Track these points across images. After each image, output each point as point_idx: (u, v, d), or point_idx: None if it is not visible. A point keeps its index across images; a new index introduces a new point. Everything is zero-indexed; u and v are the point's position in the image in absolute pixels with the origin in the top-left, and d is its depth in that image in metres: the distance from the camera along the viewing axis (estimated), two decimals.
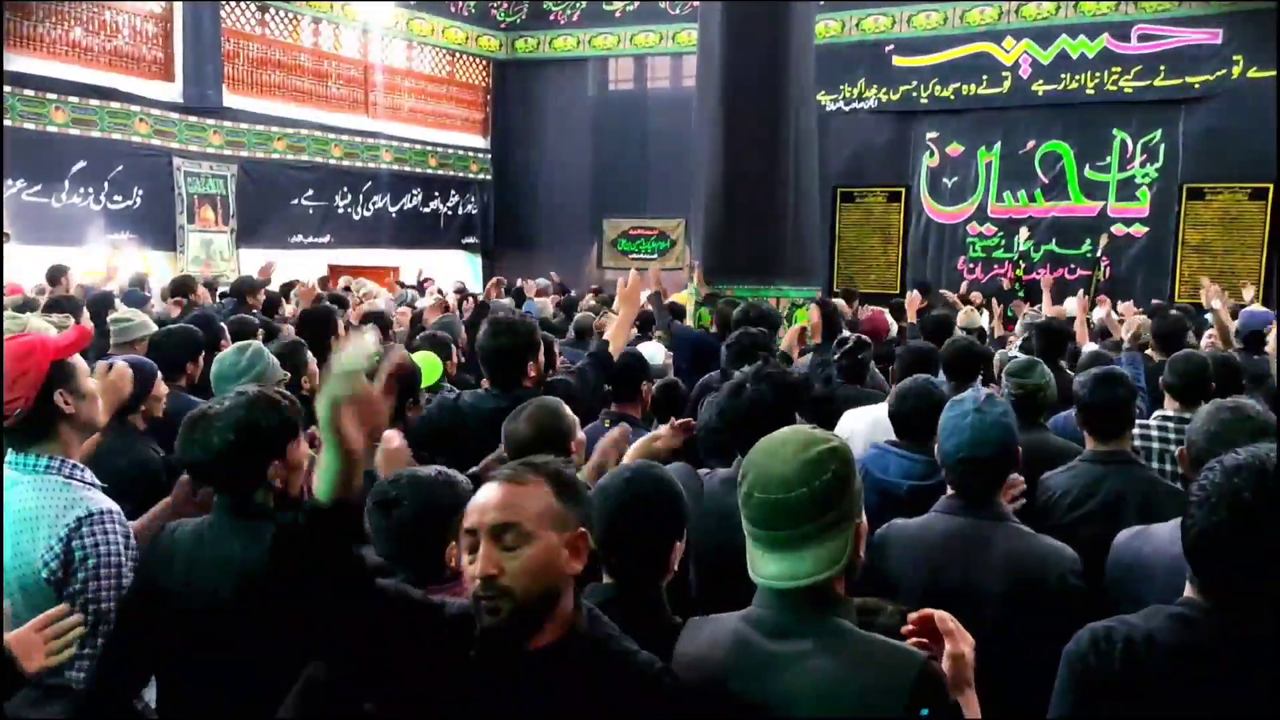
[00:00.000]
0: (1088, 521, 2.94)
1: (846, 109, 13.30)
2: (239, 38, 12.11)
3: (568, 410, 2.90)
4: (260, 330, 5.42)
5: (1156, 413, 3.81)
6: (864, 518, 1.75)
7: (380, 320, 6.38)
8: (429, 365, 4.37)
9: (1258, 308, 6.53)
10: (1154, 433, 3.65)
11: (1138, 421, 3.54)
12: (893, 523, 2.66)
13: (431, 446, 3.22)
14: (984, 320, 8.81)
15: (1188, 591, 1.69)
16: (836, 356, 4.68)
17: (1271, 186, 11.53)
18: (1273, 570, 1.56)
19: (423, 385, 4.00)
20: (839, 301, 8.35)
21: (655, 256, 14.67)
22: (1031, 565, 2.42)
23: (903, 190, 13.33)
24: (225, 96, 11.73)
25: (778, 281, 6.97)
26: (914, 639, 1.76)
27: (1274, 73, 11.30)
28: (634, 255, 14.89)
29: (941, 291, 10.56)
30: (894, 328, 6.98)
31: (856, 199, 13.54)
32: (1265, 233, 11.63)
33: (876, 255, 13.49)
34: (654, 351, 5.85)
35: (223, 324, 5.18)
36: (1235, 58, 11.56)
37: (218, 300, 7.75)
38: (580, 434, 2.91)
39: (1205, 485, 1.61)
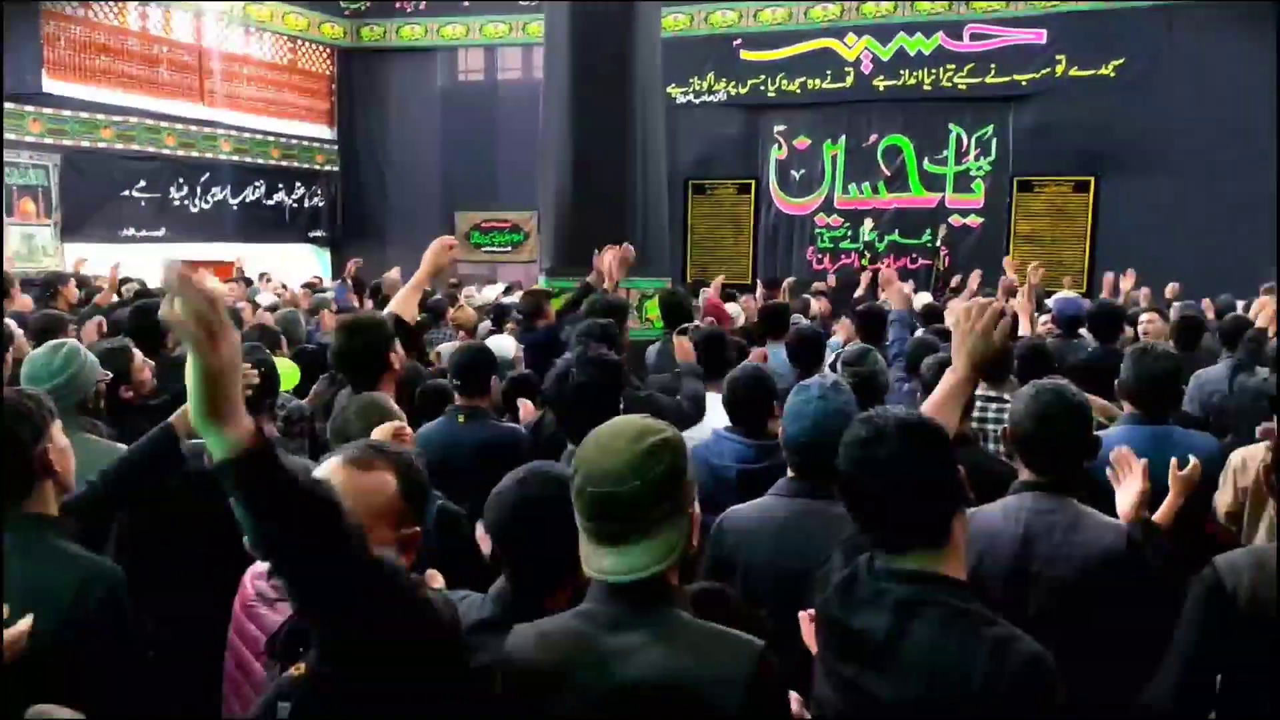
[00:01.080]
0: None
1: (696, 102, 13.45)
2: (59, 20, 11.42)
3: (394, 406, 2.83)
4: (73, 327, 5.12)
5: (976, 392, 3.97)
6: (697, 506, 1.73)
7: (234, 317, 6.12)
8: (287, 373, 4.22)
9: (1072, 294, 6.87)
10: (973, 412, 3.80)
11: None
12: (732, 508, 2.69)
13: None
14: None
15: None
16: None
17: (1094, 180, 12.19)
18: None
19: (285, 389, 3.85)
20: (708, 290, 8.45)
21: (509, 249, 14.56)
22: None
23: (752, 182, 13.56)
24: (45, 82, 11.06)
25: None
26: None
27: (1094, 71, 11.97)
28: (487, 248, 14.74)
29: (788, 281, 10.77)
30: (740, 318, 7.09)
31: (707, 191, 13.71)
32: (1089, 223, 12.29)
33: (728, 247, 13.69)
34: (505, 345, 5.78)
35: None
36: (1059, 57, 12.17)
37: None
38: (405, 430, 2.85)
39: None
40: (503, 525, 1.90)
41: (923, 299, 8.84)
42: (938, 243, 12.61)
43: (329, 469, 1.61)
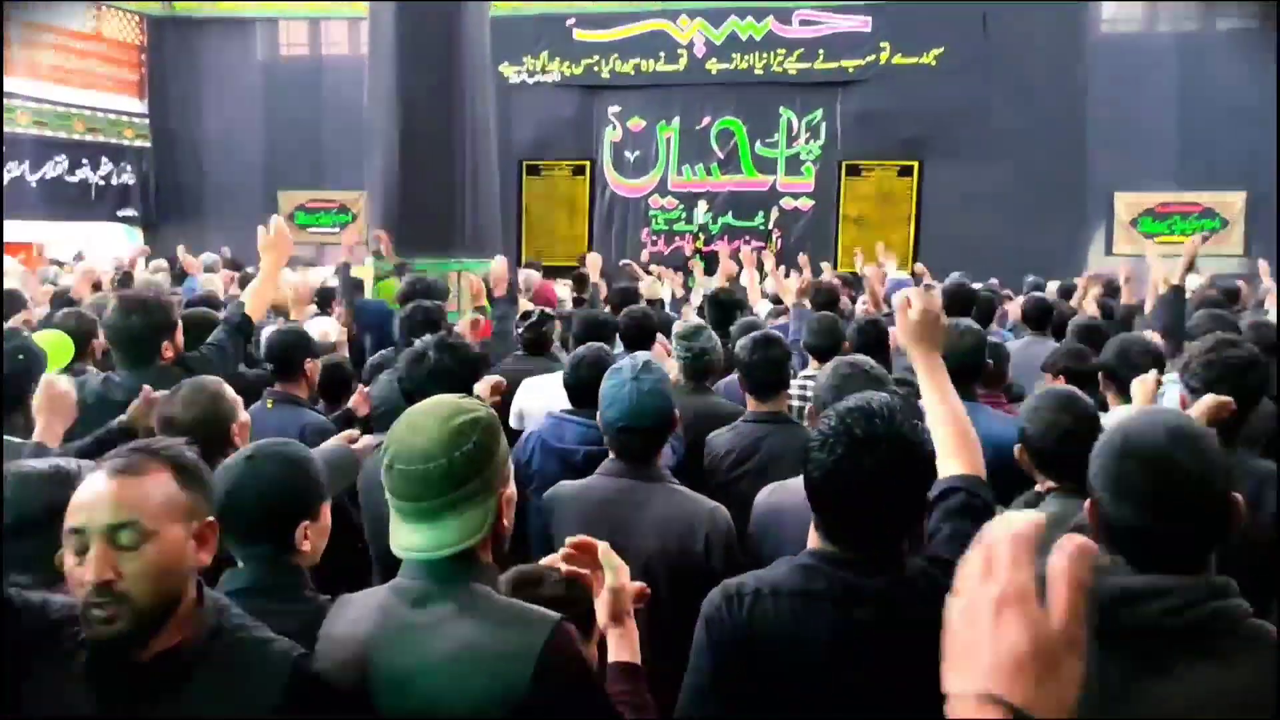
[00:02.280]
0: (748, 479, 3.05)
1: (530, 82, 13.28)
2: None
3: (229, 390, 2.68)
4: None
5: (801, 373, 4.01)
6: (512, 486, 1.76)
7: (14, 300, 5.67)
8: (58, 346, 3.92)
9: (903, 275, 7.09)
10: (795, 391, 3.84)
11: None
12: (559, 485, 2.69)
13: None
14: (665, 291, 9.11)
15: (812, 541, 1.74)
16: (520, 330, 4.64)
17: (917, 165, 12.63)
18: (881, 507, 1.64)
19: (54, 367, 3.54)
20: (532, 273, 8.37)
21: (336, 230, 14.07)
22: (682, 524, 2.50)
23: (587, 164, 13.49)
24: None
25: (457, 254, 6.82)
26: (569, 570, 1.84)
27: (917, 60, 12.38)
28: (313, 229, 14.22)
29: (624, 263, 10.80)
30: (569, 300, 7.04)
31: (542, 172, 13.57)
32: (912, 207, 12.73)
33: (563, 228, 13.59)
34: (327, 328, 5.55)
35: None
36: (883, 44, 12.54)
37: None
38: (244, 415, 2.70)
39: (822, 430, 1.69)
40: (229, 501, 1.93)
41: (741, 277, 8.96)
42: (770, 225, 12.84)
43: (96, 484, 1.51)
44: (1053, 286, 7.77)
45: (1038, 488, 2.55)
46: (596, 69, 13.19)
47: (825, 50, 12.70)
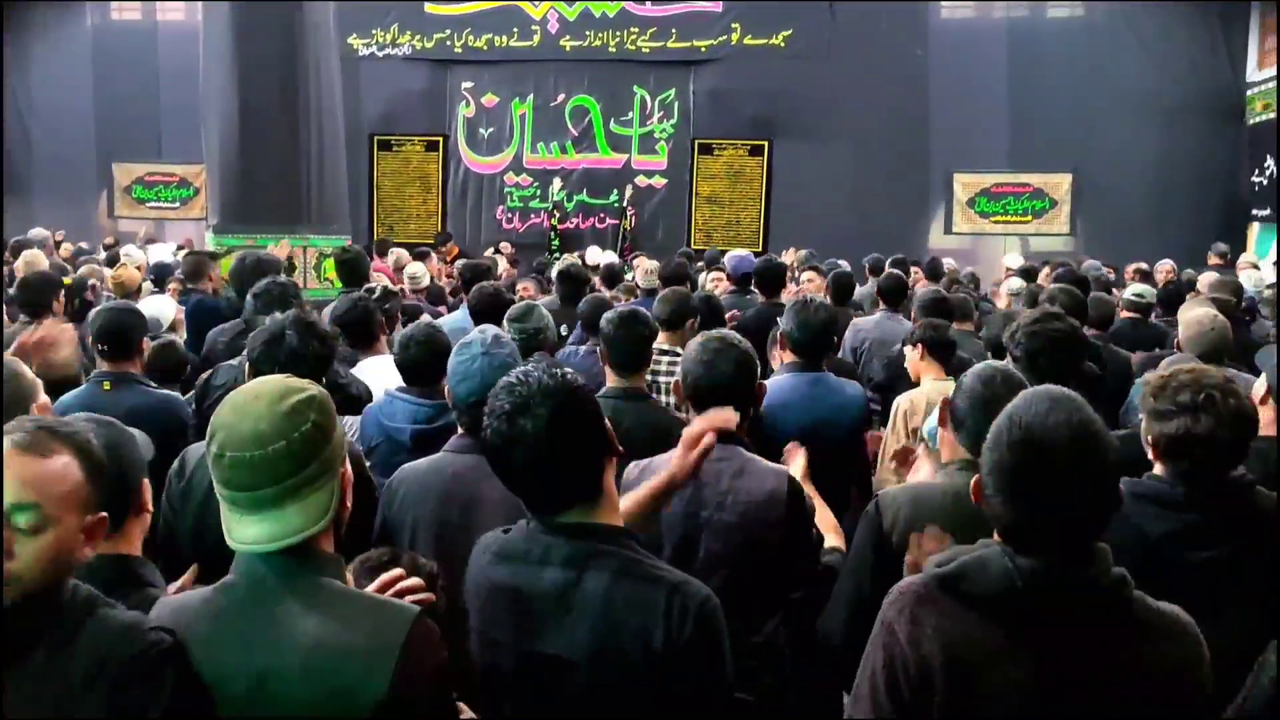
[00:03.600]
0: None
1: (379, 55, 12.97)
2: None
3: (26, 370, 2.54)
4: None
5: (654, 346, 4.08)
6: (349, 466, 1.67)
7: None
8: None
9: (743, 252, 7.25)
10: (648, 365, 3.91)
11: None
12: (403, 466, 2.64)
13: None
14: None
15: None
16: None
17: (767, 144, 12.88)
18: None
19: None
20: (401, 252, 8.27)
21: (177, 205, 13.52)
22: None
23: (440, 139, 13.28)
24: None
25: (302, 229, 6.65)
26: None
27: (766, 41, 12.61)
28: (153, 204, 13.60)
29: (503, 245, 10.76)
30: (424, 278, 6.95)
31: (394, 147, 13.28)
32: (763, 185, 12.99)
33: (416, 205, 13.35)
34: (162, 308, 5.33)
35: None
36: (734, 26, 12.75)
37: None
38: (43, 397, 2.56)
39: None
40: None
41: (609, 258, 9.05)
42: (624, 203, 12.92)
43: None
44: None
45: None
46: (449, 43, 12.98)
47: (678, 30, 12.82)
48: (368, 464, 3.11)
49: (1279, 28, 11.45)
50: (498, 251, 9.44)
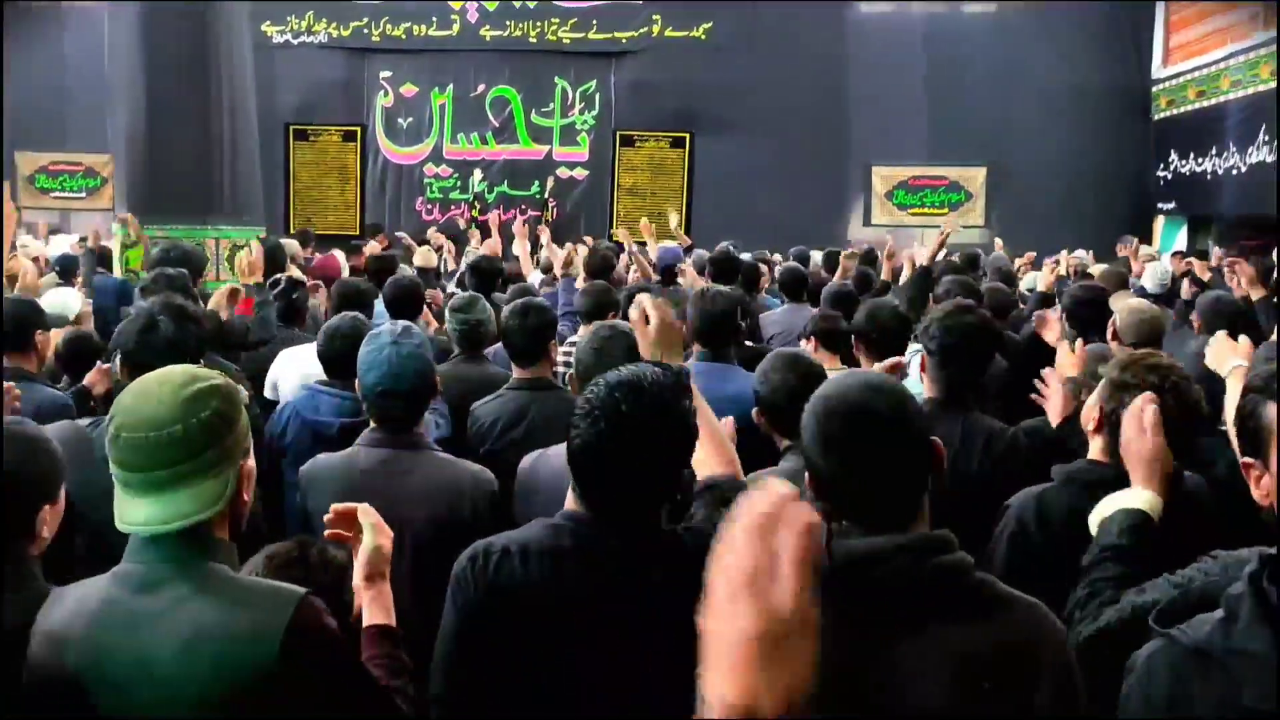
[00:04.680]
0: (516, 446, 3.05)
1: (295, 42, 12.71)
2: None
3: None
4: None
5: (569, 339, 4.09)
6: (251, 459, 1.69)
7: None
8: None
9: (670, 244, 7.26)
10: (561, 358, 3.90)
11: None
12: (316, 458, 2.63)
13: None
14: (438, 261, 9.02)
15: (569, 504, 1.77)
16: (269, 298, 4.50)
17: (689, 137, 12.93)
18: (640, 480, 1.69)
19: None
20: (291, 243, 8.07)
21: (83, 195, 13.12)
22: (449, 491, 2.50)
23: (358, 129, 13.07)
24: None
25: (214, 221, 6.50)
26: (331, 532, 1.79)
27: (687, 33, 12.64)
28: (57, 194, 13.18)
29: (398, 234, 10.58)
30: (346, 268, 6.85)
31: (311, 137, 13.03)
32: (685, 179, 13.04)
33: (334, 195, 13.09)
34: (67, 301, 5.18)
35: None
36: (655, 17, 12.76)
37: None
38: None
39: (589, 399, 1.70)
40: None
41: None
42: (546, 194, 12.87)
43: None
44: (817, 255, 8.14)
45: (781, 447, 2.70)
46: (366, 31, 12.77)
47: (599, 21, 12.78)
48: (285, 459, 3.08)
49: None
50: (425, 242, 9.29)
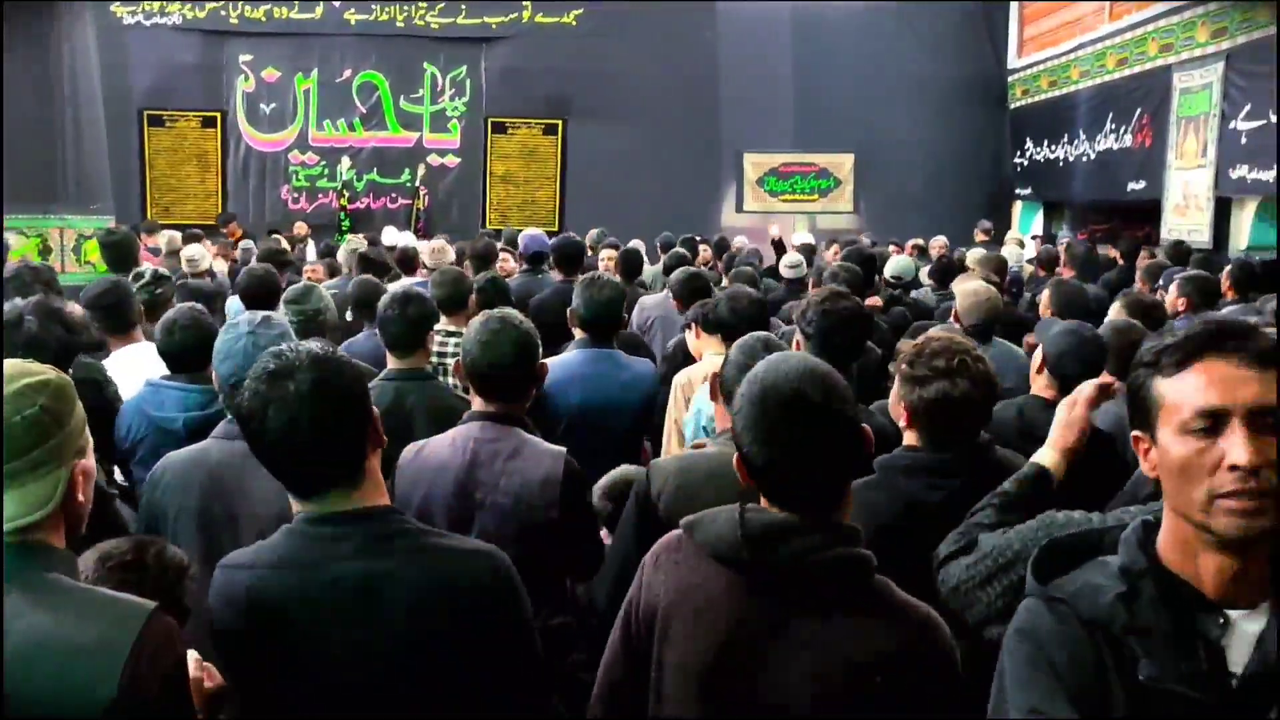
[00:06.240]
0: (393, 437, 2.97)
1: (147, 24, 12.17)
2: None
3: None
4: None
5: (438, 328, 4.03)
6: (90, 460, 1.58)
7: None
8: None
9: (536, 231, 7.19)
10: (435, 347, 3.85)
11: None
12: (168, 454, 2.52)
13: None
14: (311, 251, 8.87)
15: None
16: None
17: (562, 123, 12.88)
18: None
19: None
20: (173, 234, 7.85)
21: None
22: None
23: (218, 115, 12.62)
24: None
25: (58, 210, 6.20)
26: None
27: (558, 19, 12.58)
28: None
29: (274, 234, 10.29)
30: (204, 260, 6.61)
31: (167, 123, 12.52)
32: (558, 165, 12.99)
33: (194, 184, 12.63)
34: None
35: None
36: (525, 3, 12.68)
37: None
38: None
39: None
40: None
41: (406, 238, 8.85)
42: (417, 182, 12.67)
43: None
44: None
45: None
46: (224, 13, 12.32)
47: (468, 6, 12.62)
48: (134, 459, 2.95)
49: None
50: (277, 233, 9.08)
